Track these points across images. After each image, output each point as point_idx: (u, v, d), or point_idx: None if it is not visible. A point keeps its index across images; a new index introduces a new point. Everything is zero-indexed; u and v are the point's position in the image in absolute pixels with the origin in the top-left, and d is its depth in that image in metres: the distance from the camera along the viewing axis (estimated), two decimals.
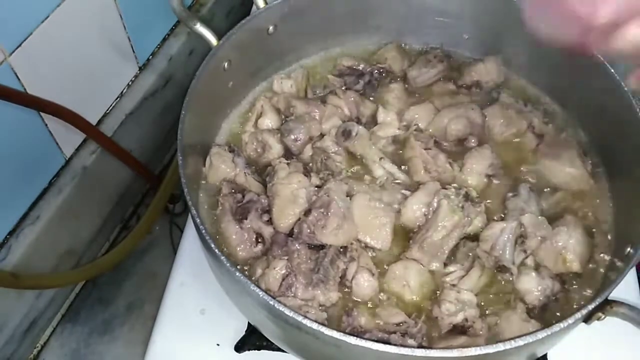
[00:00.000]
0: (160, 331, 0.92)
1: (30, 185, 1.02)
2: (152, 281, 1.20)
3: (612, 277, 0.74)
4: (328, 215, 0.81)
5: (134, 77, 1.21)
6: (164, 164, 1.38)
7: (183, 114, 0.81)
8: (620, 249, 0.80)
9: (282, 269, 0.79)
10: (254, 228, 0.85)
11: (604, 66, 0.88)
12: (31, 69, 0.92)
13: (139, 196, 1.32)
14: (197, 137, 0.88)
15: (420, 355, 0.64)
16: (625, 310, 0.70)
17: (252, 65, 0.99)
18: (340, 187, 0.85)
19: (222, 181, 0.90)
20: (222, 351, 0.90)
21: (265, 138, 0.94)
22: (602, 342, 0.89)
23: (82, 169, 1.09)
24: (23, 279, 0.93)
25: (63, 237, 1.09)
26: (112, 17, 1.08)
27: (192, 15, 0.91)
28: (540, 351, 0.77)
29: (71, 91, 1.02)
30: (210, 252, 0.72)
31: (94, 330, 1.14)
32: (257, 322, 0.80)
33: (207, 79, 0.87)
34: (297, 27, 1.00)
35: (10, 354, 1.05)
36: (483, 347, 0.64)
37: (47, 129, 1.00)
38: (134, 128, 1.20)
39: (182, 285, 0.96)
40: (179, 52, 1.29)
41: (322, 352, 0.71)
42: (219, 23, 1.45)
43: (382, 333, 0.75)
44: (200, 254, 0.92)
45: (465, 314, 0.77)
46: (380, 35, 1.09)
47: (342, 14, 1.04)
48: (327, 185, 0.85)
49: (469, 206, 0.85)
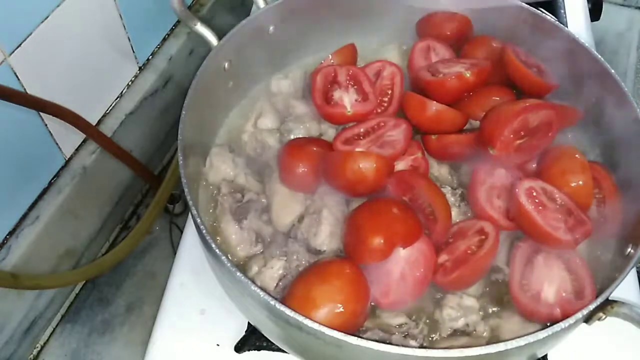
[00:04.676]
0: (160, 331, 0.92)
1: (30, 185, 1.02)
2: (152, 281, 1.20)
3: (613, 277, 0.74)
4: (320, 222, 0.81)
5: (134, 77, 1.21)
6: (164, 164, 1.38)
7: (183, 114, 0.81)
8: (621, 249, 0.80)
9: (280, 269, 0.79)
10: (254, 228, 0.85)
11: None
12: (31, 69, 0.92)
13: (139, 196, 1.32)
14: (197, 137, 0.88)
15: (422, 355, 0.64)
16: (626, 311, 0.70)
17: (252, 65, 0.99)
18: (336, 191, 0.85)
19: (222, 181, 0.90)
20: (222, 351, 0.90)
21: (264, 138, 0.94)
22: (602, 343, 0.89)
23: (82, 169, 1.08)
24: (23, 279, 0.93)
25: (63, 237, 1.09)
26: (112, 17, 1.08)
27: (192, 15, 0.90)
28: (541, 351, 0.77)
29: (71, 91, 1.02)
30: (210, 252, 0.72)
31: (94, 330, 1.14)
32: (257, 322, 0.80)
33: (207, 78, 0.87)
34: (297, 27, 1.00)
35: (10, 354, 1.05)
36: (484, 347, 0.64)
37: (47, 129, 1.00)
38: (134, 128, 1.20)
39: (182, 285, 0.96)
40: (179, 52, 1.29)
41: (323, 353, 0.71)
42: (219, 23, 1.45)
43: (383, 333, 0.75)
44: (200, 254, 0.92)
45: (467, 320, 0.77)
46: (381, 35, 1.09)
47: (342, 14, 1.04)
48: (321, 188, 0.85)
49: (464, 206, 0.86)
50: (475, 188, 0.83)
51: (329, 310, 0.69)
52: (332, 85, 0.93)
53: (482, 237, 0.78)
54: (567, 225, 0.77)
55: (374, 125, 0.90)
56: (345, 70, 0.95)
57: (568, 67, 0.94)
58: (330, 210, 0.82)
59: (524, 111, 0.80)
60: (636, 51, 1.77)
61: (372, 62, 1.01)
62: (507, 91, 0.93)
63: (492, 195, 0.82)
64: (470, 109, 0.91)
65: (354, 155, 0.80)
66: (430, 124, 0.90)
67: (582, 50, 0.92)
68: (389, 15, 1.06)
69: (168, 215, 1.28)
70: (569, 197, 0.80)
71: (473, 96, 0.92)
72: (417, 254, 0.75)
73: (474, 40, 1.02)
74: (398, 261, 0.74)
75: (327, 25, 1.04)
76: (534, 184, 0.79)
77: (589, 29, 1.37)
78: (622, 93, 0.86)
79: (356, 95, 0.92)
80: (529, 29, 0.98)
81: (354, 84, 0.94)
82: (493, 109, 0.84)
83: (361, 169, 0.78)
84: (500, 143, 0.80)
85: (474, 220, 0.82)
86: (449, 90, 0.91)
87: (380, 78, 0.98)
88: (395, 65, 0.99)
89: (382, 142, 0.86)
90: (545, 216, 0.77)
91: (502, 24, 1.00)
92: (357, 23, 1.06)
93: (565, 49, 0.94)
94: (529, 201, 0.77)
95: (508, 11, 0.99)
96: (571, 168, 0.83)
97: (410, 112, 0.91)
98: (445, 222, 0.78)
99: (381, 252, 0.73)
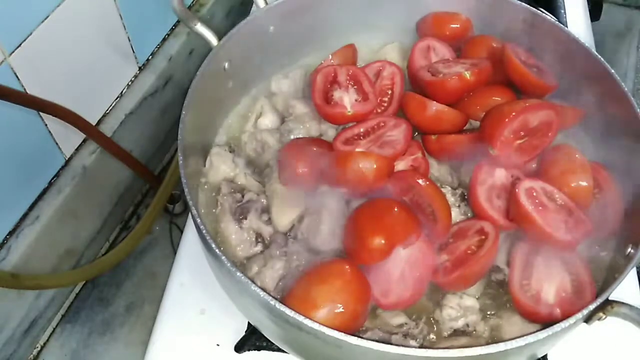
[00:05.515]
0: (160, 331, 0.92)
1: (30, 185, 1.02)
2: (152, 281, 1.20)
3: (613, 277, 0.74)
4: (320, 222, 0.81)
5: (134, 77, 1.21)
6: (164, 164, 1.38)
7: (183, 114, 0.81)
8: (621, 249, 0.80)
9: (280, 270, 0.79)
10: (254, 228, 0.85)
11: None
12: (31, 69, 0.92)
13: (139, 196, 1.32)
14: (197, 137, 0.88)
15: (422, 355, 0.64)
16: (626, 311, 0.70)
17: (252, 65, 0.99)
18: (336, 191, 0.85)
19: (222, 181, 0.90)
20: (222, 351, 0.90)
21: (264, 138, 0.94)
22: (602, 343, 0.89)
23: (82, 169, 1.08)
24: (23, 279, 0.93)
25: (63, 237, 1.09)
26: (112, 17, 1.08)
27: (192, 15, 0.90)
28: (541, 351, 0.77)
29: (71, 91, 1.02)
30: (210, 252, 0.72)
31: (94, 330, 1.14)
32: (257, 322, 0.80)
33: (207, 78, 0.87)
34: (297, 27, 1.00)
35: (10, 354, 1.05)
36: (484, 347, 0.64)
37: (47, 129, 1.00)
38: (134, 128, 1.20)
39: (182, 285, 0.96)
40: (179, 52, 1.29)
41: (323, 353, 0.71)
42: (219, 23, 1.45)
43: (383, 333, 0.75)
44: (200, 254, 0.91)
45: (467, 320, 0.78)
46: (381, 35, 1.09)
47: (342, 14, 1.04)
48: (321, 188, 0.85)
49: (464, 206, 0.86)
50: (475, 188, 0.83)
51: (329, 310, 0.69)
52: (332, 85, 0.93)
53: (482, 237, 0.78)
54: (567, 225, 0.77)
55: (374, 125, 0.90)
56: (345, 70, 0.95)
57: (568, 67, 0.94)
58: (330, 210, 0.82)
59: (524, 111, 0.80)
60: (636, 51, 1.77)
61: (372, 62, 1.01)
62: (507, 91, 0.93)
63: (492, 195, 0.82)
64: (470, 109, 0.91)
65: (354, 155, 0.80)
66: (430, 124, 0.90)
67: (582, 50, 0.92)
68: (389, 15, 1.06)
69: (168, 215, 1.28)
70: (569, 197, 0.80)
71: (473, 96, 0.92)
72: (417, 254, 0.75)
73: (474, 40, 1.02)
74: (398, 261, 0.74)
75: (327, 25, 1.04)
76: (534, 184, 0.79)
77: (589, 29, 1.37)
78: (622, 93, 0.86)
79: (356, 95, 0.92)
80: (529, 29, 0.98)
81: (354, 84, 0.94)
82: (493, 109, 0.84)
83: (361, 169, 0.78)
84: (500, 143, 0.80)
85: (474, 220, 0.82)
86: (449, 90, 0.91)
87: (380, 78, 0.98)
88: (395, 65, 0.99)
89: (382, 142, 0.87)
90: (545, 216, 0.77)
91: (502, 24, 1.00)
92: (357, 23, 1.06)
93: (565, 49, 0.94)
94: (529, 201, 0.77)
95: (508, 11, 0.99)
96: (571, 168, 0.83)
97: (410, 112, 0.91)
98: (445, 222, 0.78)
99: (381, 252, 0.73)
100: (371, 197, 0.81)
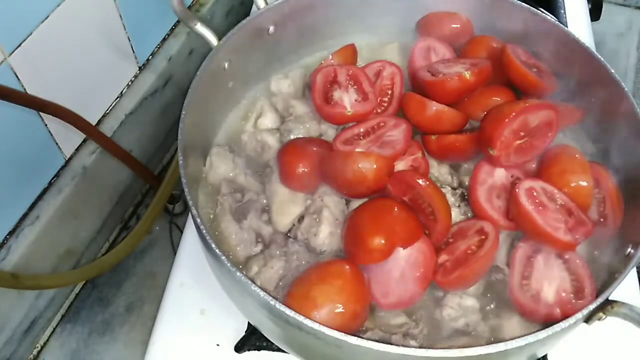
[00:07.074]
0: (160, 331, 0.92)
1: (30, 185, 1.02)
2: (152, 281, 1.20)
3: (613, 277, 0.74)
4: (320, 222, 0.81)
5: (134, 77, 1.21)
6: (164, 164, 1.38)
7: (183, 114, 0.81)
8: (621, 249, 0.80)
9: (280, 270, 0.79)
10: (254, 228, 0.85)
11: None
12: (31, 69, 0.92)
13: (139, 196, 1.32)
14: (197, 137, 0.88)
15: (422, 355, 0.64)
16: (626, 311, 0.70)
17: (252, 65, 0.99)
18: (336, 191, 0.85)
19: (222, 181, 0.90)
20: (222, 351, 0.90)
21: (264, 138, 0.94)
22: (602, 343, 0.89)
23: (82, 169, 1.08)
24: (23, 279, 0.93)
25: (63, 237, 1.09)
26: (112, 17, 1.08)
27: (192, 15, 0.90)
28: (541, 351, 0.77)
29: (71, 91, 1.02)
30: (210, 252, 0.72)
31: (94, 330, 1.14)
32: (257, 322, 0.80)
33: (207, 79, 0.87)
34: (297, 27, 1.00)
35: (10, 354, 1.05)
36: (484, 347, 0.64)
37: (47, 129, 1.00)
38: (133, 128, 1.20)
39: (182, 285, 0.96)
40: (179, 52, 1.29)
41: (323, 353, 0.71)
42: (219, 23, 1.45)
43: (383, 333, 0.75)
44: (200, 254, 0.91)
45: (467, 320, 0.77)
46: (381, 35, 1.09)
47: (342, 14, 1.04)
48: (321, 188, 0.85)
49: (464, 206, 0.86)
50: (475, 188, 0.83)
51: (329, 310, 0.69)
52: (332, 85, 0.93)
53: (482, 237, 0.78)
54: (567, 225, 0.77)
55: (374, 125, 0.90)
56: (345, 70, 0.95)
57: (568, 67, 0.94)
58: (330, 210, 0.82)
59: (524, 111, 0.80)
60: (636, 51, 1.77)
61: (372, 62, 1.01)
62: (507, 91, 0.93)
63: (492, 195, 0.82)
64: (470, 109, 0.91)
65: (354, 156, 0.80)
66: (430, 124, 0.90)
67: (582, 50, 0.92)
68: (389, 15, 1.06)
69: (168, 215, 1.28)
70: (569, 197, 0.80)
71: (473, 96, 0.92)
72: (417, 254, 0.75)
73: (474, 40, 1.02)
74: (398, 261, 0.74)
75: (327, 25, 1.04)
76: (534, 184, 0.79)
77: (589, 29, 1.37)
78: (622, 93, 0.86)
79: (356, 95, 0.92)
80: (529, 29, 0.98)
81: (354, 84, 0.94)
82: (493, 109, 0.84)
83: (361, 169, 0.78)
84: (500, 143, 0.80)
85: (474, 220, 0.82)
86: (449, 91, 0.91)
87: (380, 78, 0.98)
88: (395, 65, 0.99)
89: (382, 142, 0.87)
90: (545, 216, 0.77)
91: (502, 24, 1.00)
92: (357, 23, 1.06)
93: (565, 49, 0.94)
94: (529, 201, 0.77)
95: (508, 11, 0.99)
96: (571, 168, 0.83)
97: (410, 112, 0.91)
98: (445, 222, 0.78)
99: (381, 252, 0.73)
100: (371, 197, 0.81)
